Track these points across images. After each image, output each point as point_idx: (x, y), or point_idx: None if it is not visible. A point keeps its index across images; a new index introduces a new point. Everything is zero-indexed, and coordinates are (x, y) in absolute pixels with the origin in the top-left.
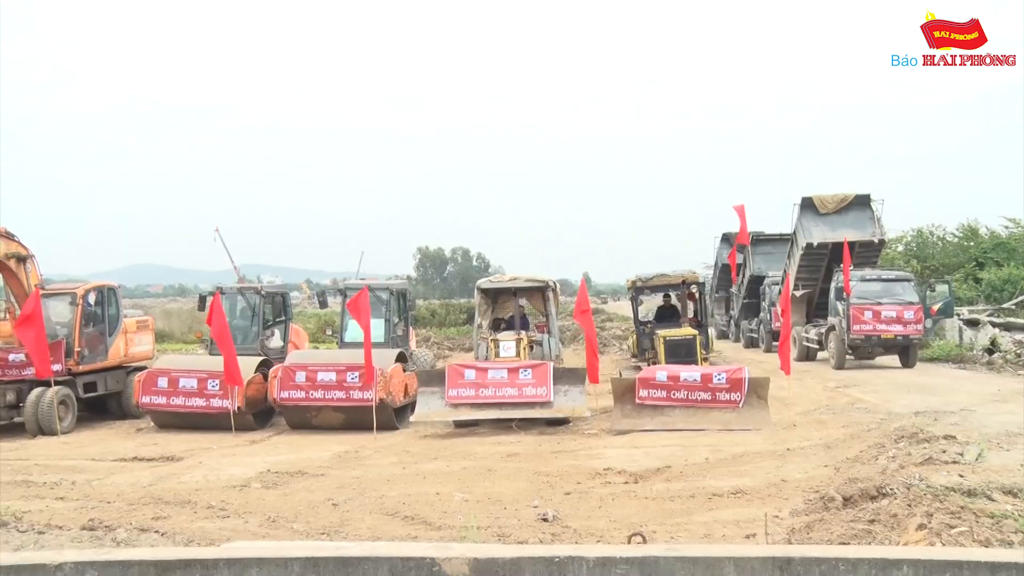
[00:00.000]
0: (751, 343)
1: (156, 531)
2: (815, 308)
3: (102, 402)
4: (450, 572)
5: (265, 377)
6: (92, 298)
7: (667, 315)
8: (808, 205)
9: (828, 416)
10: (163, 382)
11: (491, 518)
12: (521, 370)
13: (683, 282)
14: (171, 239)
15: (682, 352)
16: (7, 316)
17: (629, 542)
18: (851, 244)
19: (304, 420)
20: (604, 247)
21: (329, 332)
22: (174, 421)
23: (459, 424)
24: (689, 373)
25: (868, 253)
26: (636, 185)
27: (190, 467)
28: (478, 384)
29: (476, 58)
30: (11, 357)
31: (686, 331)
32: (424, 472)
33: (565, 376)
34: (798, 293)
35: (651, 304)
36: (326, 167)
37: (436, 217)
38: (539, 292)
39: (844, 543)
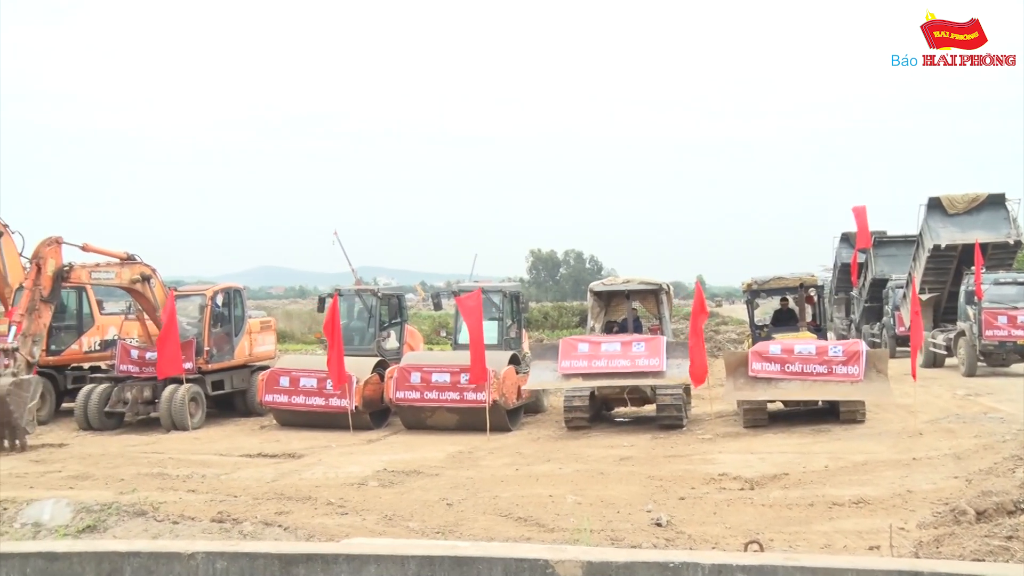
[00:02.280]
0: (873, 348)
1: (279, 525)
2: (942, 312)
3: (229, 400)
4: (563, 574)
5: (381, 378)
6: (220, 299)
7: (784, 318)
8: (935, 205)
9: (957, 425)
10: (285, 381)
11: (604, 521)
12: (635, 343)
13: (800, 285)
14: (293, 242)
15: None
16: (138, 316)
17: (746, 549)
18: (983, 246)
19: (419, 420)
20: (718, 249)
21: (443, 334)
22: (295, 419)
23: (571, 426)
24: (804, 346)
25: (1002, 255)
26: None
27: (310, 464)
28: (591, 356)
29: (589, 59)
30: (148, 355)
31: (804, 335)
32: (537, 474)
33: (678, 349)
34: (924, 297)
35: (767, 307)
36: (441, 170)
37: (549, 220)
38: (652, 295)
39: (978, 560)
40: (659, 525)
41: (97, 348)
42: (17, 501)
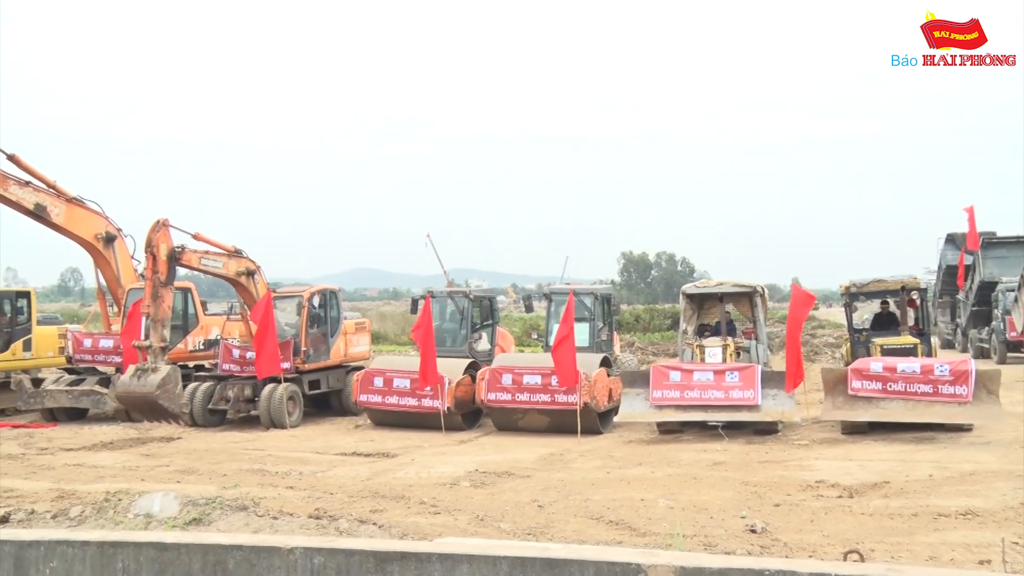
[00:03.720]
0: (981, 353)
1: (374, 523)
2: None
3: (325, 399)
4: None
5: (473, 379)
6: (316, 301)
7: (884, 322)
8: None
9: None
10: (379, 381)
11: (696, 526)
12: (727, 372)
13: (902, 288)
14: (387, 245)
15: None
16: (241, 316)
17: (845, 559)
18: None
19: (510, 422)
20: (814, 251)
21: (535, 336)
22: (389, 419)
23: (663, 430)
24: (907, 364)
25: None
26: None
27: (404, 464)
28: (683, 386)
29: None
30: (249, 355)
31: (906, 339)
32: (628, 477)
33: (774, 379)
34: None
35: (866, 311)
36: (533, 172)
37: (640, 222)
38: (746, 297)
39: None
40: (753, 532)
41: (201, 347)
42: (130, 493)
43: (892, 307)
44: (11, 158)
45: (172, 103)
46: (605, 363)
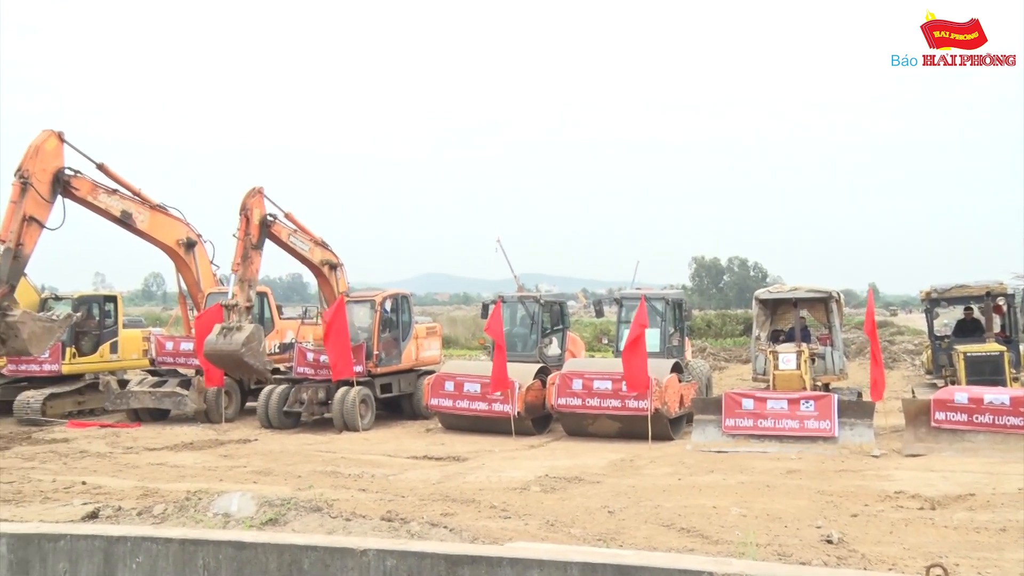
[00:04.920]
0: None
1: (445, 526)
2: None
3: (396, 402)
4: None
5: (543, 384)
6: (389, 305)
7: (968, 329)
8: None
9: None
10: (450, 386)
11: (770, 535)
12: (803, 401)
13: (987, 293)
14: (457, 249)
15: (986, 370)
16: (319, 320)
17: (927, 574)
18: None
19: (580, 427)
20: (892, 255)
21: (605, 341)
22: (459, 423)
23: (736, 451)
24: (995, 396)
25: None
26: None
27: (474, 468)
28: (756, 414)
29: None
30: (322, 359)
31: (991, 347)
32: (700, 484)
33: (851, 409)
34: None
35: (949, 317)
36: (603, 177)
37: (712, 226)
38: (821, 303)
39: None
40: (830, 542)
41: (277, 351)
42: (209, 492)
43: (976, 313)
44: (100, 167)
45: (247, 111)
46: (676, 369)
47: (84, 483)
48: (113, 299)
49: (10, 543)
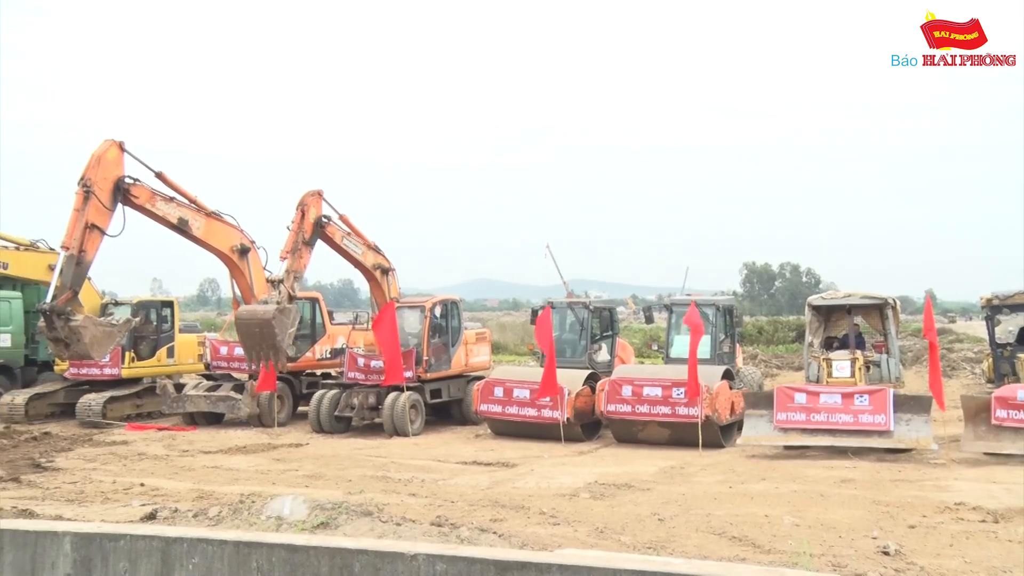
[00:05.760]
0: None
1: (494, 532)
2: None
3: (445, 408)
4: None
5: (593, 390)
6: (438, 311)
7: None
8: None
9: None
10: (499, 391)
11: (824, 546)
12: (856, 395)
13: None
14: (506, 255)
15: None
16: (369, 325)
17: None
18: None
19: (630, 434)
20: (951, 261)
21: (655, 347)
22: (508, 429)
23: (788, 445)
24: None
25: None
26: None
27: (523, 474)
28: (809, 408)
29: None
30: (373, 363)
31: None
32: (751, 492)
33: (907, 403)
34: None
35: (1011, 324)
36: (652, 182)
37: (763, 231)
38: (876, 310)
39: None
40: (886, 553)
41: (328, 356)
42: (262, 496)
43: None
44: (158, 176)
45: (305, 121)
46: (727, 376)
47: (142, 485)
48: (170, 304)
49: (74, 541)
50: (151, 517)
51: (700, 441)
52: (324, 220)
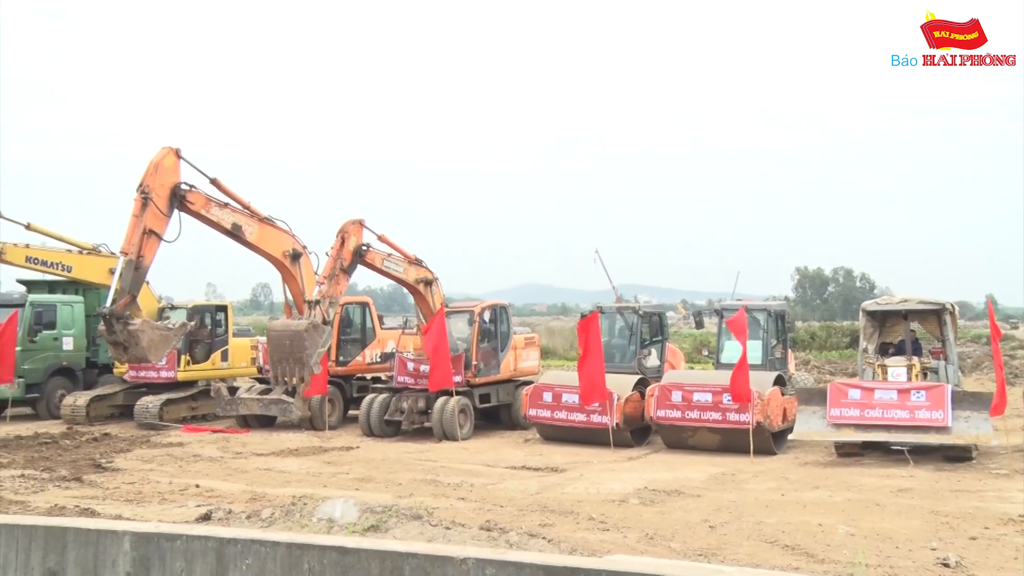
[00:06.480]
0: None
1: (543, 537)
2: None
3: (494, 412)
4: None
5: (642, 395)
6: (487, 316)
7: None
8: None
9: None
10: (548, 396)
11: (880, 556)
12: (913, 391)
13: None
14: (555, 260)
15: None
16: (418, 330)
17: None
18: None
19: (680, 440)
20: (1012, 265)
21: (705, 352)
22: (557, 434)
23: (842, 453)
24: None
25: None
26: None
27: (572, 479)
28: (863, 404)
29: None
30: (422, 368)
31: None
32: (804, 500)
33: (967, 400)
34: None
35: None
36: (701, 186)
37: (815, 235)
38: (934, 315)
39: None
40: (946, 566)
41: (378, 360)
42: (314, 498)
43: None
44: (213, 182)
45: (347, 125)
46: (779, 381)
47: (197, 486)
48: (224, 309)
49: (133, 541)
50: (206, 518)
51: (751, 447)
52: (363, 249)
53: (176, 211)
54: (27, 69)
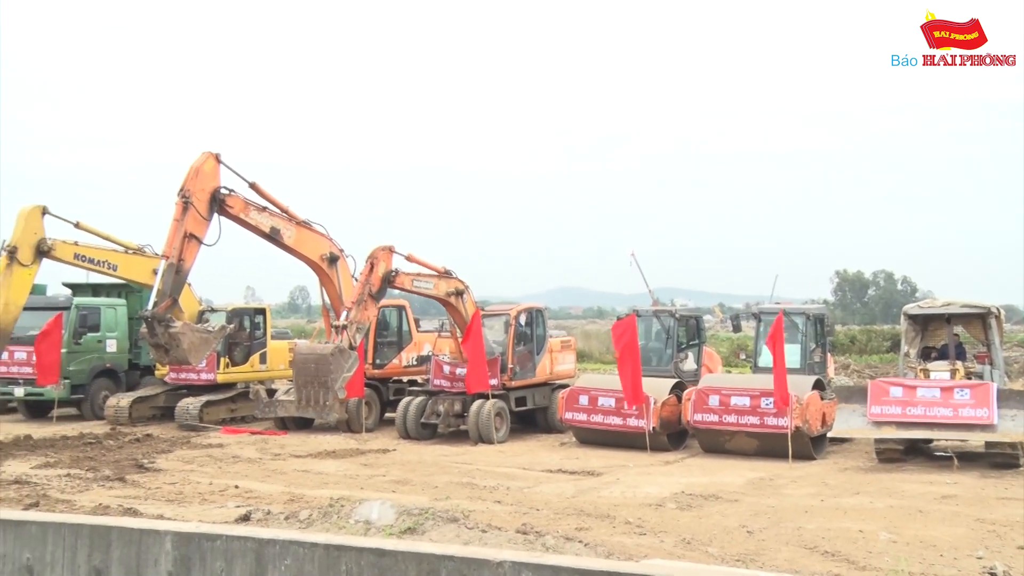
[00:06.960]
0: None
1: (579, 540)
2: None
3: (530, 416)
4: None
5: (679, 399)
6: (523, 319)
7: None
8: None
9: None
10: (584, 400)
11: (924, 564)
12: (957, 389)
13: None
14: (591, 263)
15: None
16: (451, 333)
17: None
18: None
19: (717, 444)
20: None
21: (743, 356)
22: (593, 437)
23: (883, 458)
24: None
25: None
26: None
27: (608, 483)
28: (905, 402)
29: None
30: (458, 371)
31: None
32: (844, 506)
33: (1013, 398)
34: None
35: None
36: (739, 188)
37: (855, 238)
38: (978, 319)
39: None
40: (993, 575)
41: (414, 363)
42: (351, 500)
43: None
44: (252, 186)
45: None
46: (818, 386)
47: (236, 487)
48: (262, 311)
49: (174, 540)
50: (245, 518)
51: (790, 452)
52: (392, 275)
53: (216, 215)
54: (68, 72)
